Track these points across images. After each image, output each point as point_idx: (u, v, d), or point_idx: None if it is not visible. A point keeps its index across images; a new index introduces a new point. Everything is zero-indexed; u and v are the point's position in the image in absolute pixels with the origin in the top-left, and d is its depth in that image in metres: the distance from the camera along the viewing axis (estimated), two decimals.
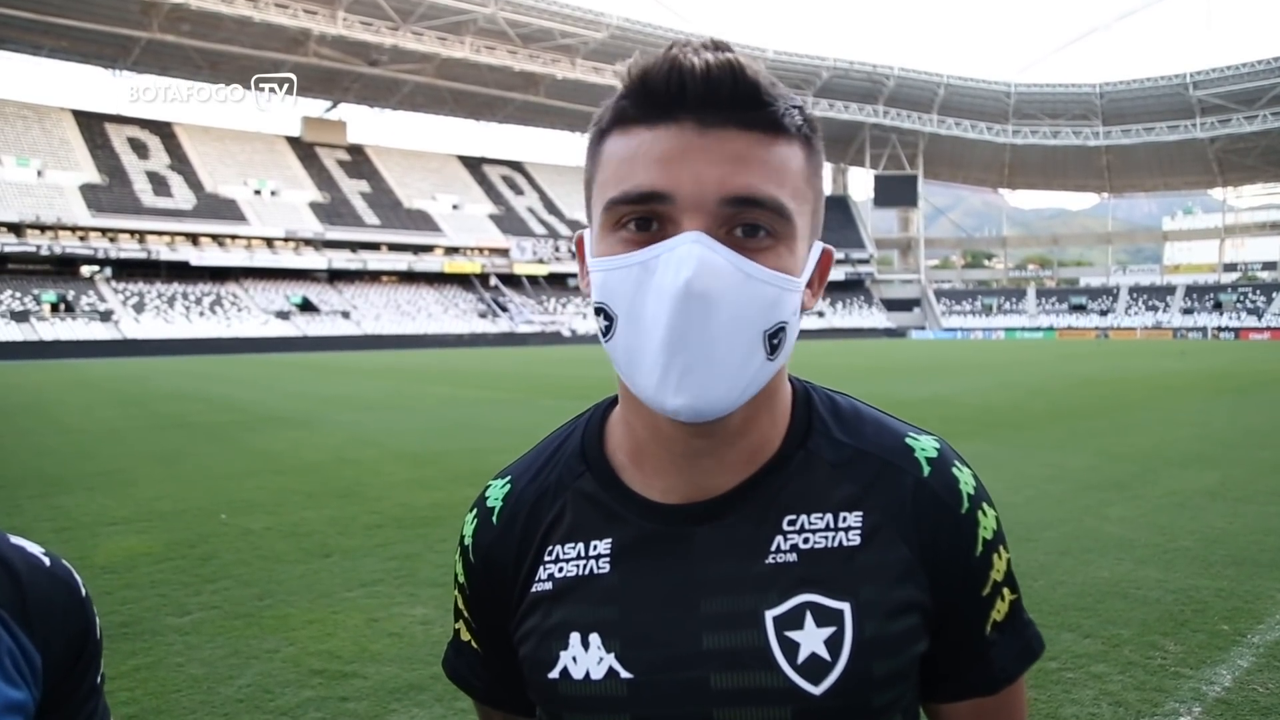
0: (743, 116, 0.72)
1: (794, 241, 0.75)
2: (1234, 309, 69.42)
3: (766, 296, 0.73)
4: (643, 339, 0.72)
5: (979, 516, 0.84)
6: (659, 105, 0.72)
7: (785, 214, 0.73)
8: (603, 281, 0.75)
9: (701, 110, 0.72)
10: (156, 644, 4.36)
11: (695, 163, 0.71)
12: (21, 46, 57.13)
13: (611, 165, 0.75)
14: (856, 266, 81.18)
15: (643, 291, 0.72)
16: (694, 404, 0.72)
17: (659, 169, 0.72)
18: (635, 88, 0.74)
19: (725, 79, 0.71)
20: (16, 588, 0.81)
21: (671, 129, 0.72)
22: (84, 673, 0.85)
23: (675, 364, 0.71)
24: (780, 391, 0.85)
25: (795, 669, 0.77)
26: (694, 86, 0.71)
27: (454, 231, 67.28)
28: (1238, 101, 68.61)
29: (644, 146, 0.73)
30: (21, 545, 0.84)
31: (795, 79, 73.46)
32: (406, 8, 56.71)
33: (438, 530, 6.62)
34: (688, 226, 0.71)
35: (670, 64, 0.72)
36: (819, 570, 0.80)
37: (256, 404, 17.75)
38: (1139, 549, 5.81)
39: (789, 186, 0.74)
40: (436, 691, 3.73)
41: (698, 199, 0.71)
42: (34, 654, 0.80)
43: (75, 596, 0.86)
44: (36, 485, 8.80)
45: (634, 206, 0.73)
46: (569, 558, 0.85)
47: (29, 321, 47.01)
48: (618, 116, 0.76)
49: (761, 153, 0.73)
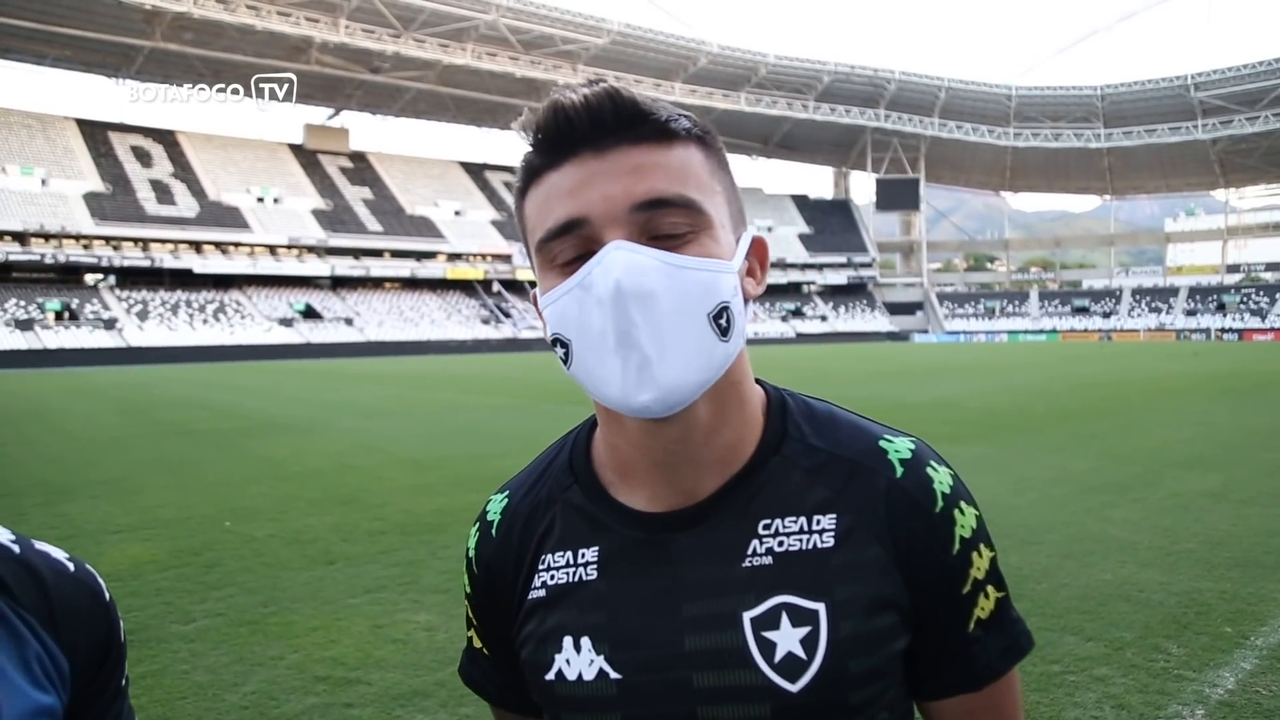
0: (631, 133, 0.77)
1: (713, 230, 0.79)
2: (1237, 310, 69.30)
3: (699, 281, 0.76)
4: (595, 351, 0.76)
5: (955, 515, 0.85)
6: (556, 147, 0.79)
7: (695, 206, 0.78)
8: (551, 314, 0.80)
9: (593, 139, 0.77)
10: (162, 651, 4.37)
11: (600, 184, 0.77)
12: (25, 56, 57.29)
13: (534, 213, 0.81)
14: (859, 270, 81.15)
15: (586, 309, 0.76)
16: (660, 394, 0.75)
17: (570, 200, 0.77)
18: (534, 139, 0.80)
19: (605, 105, 0.77)
20: (43, 593, 0.82)
21: (573, 163, 0.78)
22: (109, 676, 0.86)
23: (631, 361, 0.75)
24: (748, 390, 0.88)
25: (773, 668, 0.80)
26: (579, 120, 0.77)
27: (456, 238, 67.38)
28: (1239, 102, 68.57)
29: (554, 185, 0.79)
30: (46, 551, 0.85)
31: (797, 84, 73.64)
32: (408, 15, 56.87)
33: (441, 536, 6.63)
34: (609, 240, 0.76)
35: (554, 107, 0.78)
36: (794, 572, 0.82)
37: (260, 411, 17.78)
38: (1142, 551, 5.81)
39: (692, 182, 0.78)
40: (441, 697, 3.75)
41: (610, 214, 0.76)
42: (61, 659, 0.81)
43: (100, 601, 0.87)
44: (41, 493, 8.83)
45: (559, 240, 0.78)
46: (560, 565, 0.89)
47: (33, 330, 47.10)
48: (528, 172, 0.82)
49: (657, 159, 0.78)
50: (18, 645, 0.78)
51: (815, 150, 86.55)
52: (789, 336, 68.13)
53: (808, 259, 78.55)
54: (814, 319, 75.27)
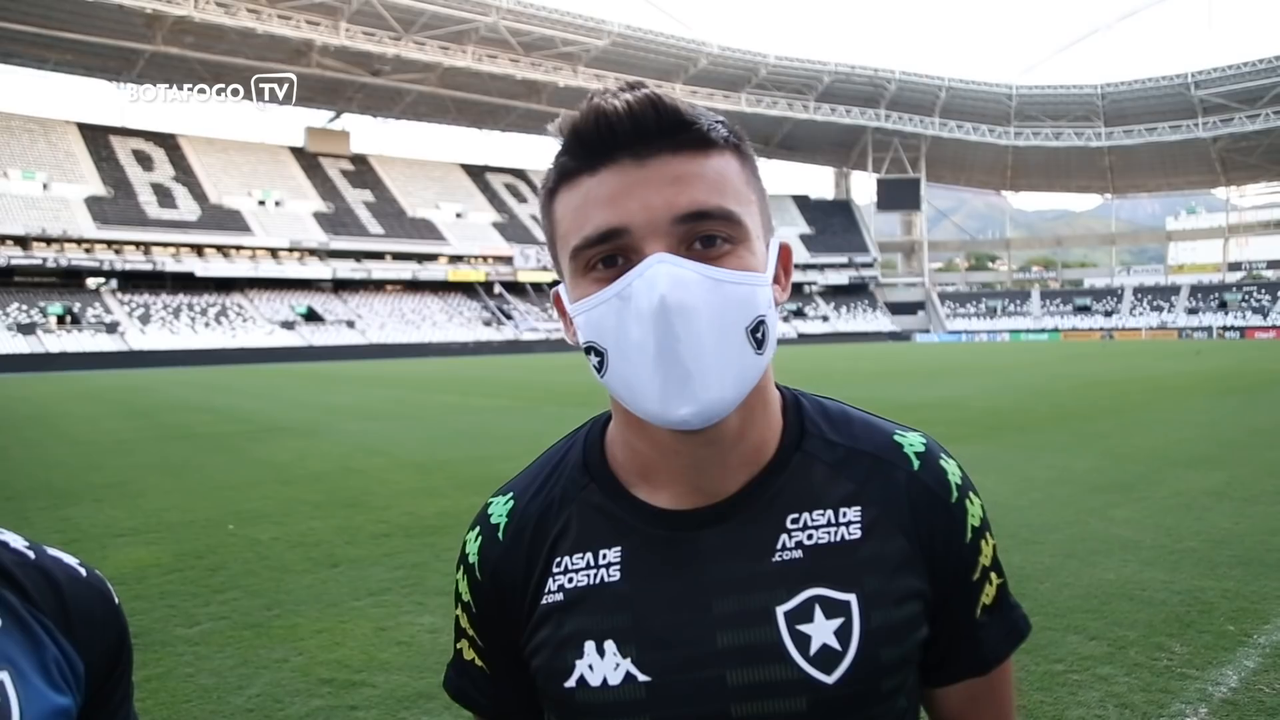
0: (672, 141, 0.77)
1: (750, 242, 0.80)
2: (1239, 308, 69.24)
3: (739, 296, 0.77)
4: (636, 364, 0.76)
5: (967, 505, 0.89)
6: (595, 151, 0.78)
7: (734, 219, 0.78)
8: (586, 322, 0.79)
9: (634, 145, 0.77)
10: (166, 654, 4.38)
11: (641, 193, 0.76)
12: (27, 60, 57.41)
13: (567, 218, 0.80)
14: (860, 270, 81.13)
15: (624, 320, 0.76)
16: (700, 409, 0.76)
17: (609, 207, 0.76)
18: (570, 141, 0.79)
19: (648, 111, 0.76)
20: (59, 598, 0.84)
21: (612, 169, 0.77)
22: (120, 678, 0.89)
23: (673, 376, 0.75)
24: (771, 394, 0.89)
25: (808, 660, 0.81)
26: (621, 125, 0.76)
27: (458, 240, 67.41)
28: (1240, 101, 68.52)
29: (591, 192, 0.78)
30: (59, 556, 0.88)
31: (797, 84, 73.63)
32: (409, 18, 56.91)
33: (444, 539, 6.64)
34: (649, 251, 0.75)
35: (595, 112, 0.77)
36: (824, 565, 0.84)
37: (262, 414, 17.80)
38: (1145, 550, 5.81)
39: (731, 193, 0.79)
40: (445, 700, 3.72)
41: (652, 225, 0.76)
42: (77, 661, 0.83)
43: (111, 605, 0.89)
44: (45, 497, 8.84)
45: (596, 248, 0.77)
46: (578, 568, 0.87)
47: (35, 334, 47.15)
48: (561, 173, 0.81)
49: (698, 169, 0.77)
50: (36, 649, 0.80)
51: (816, 150, 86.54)
52: (790, 337, 68.10)
53: (809, 259, 78.49)
54: (815, 319, 75.23)
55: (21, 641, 0.80)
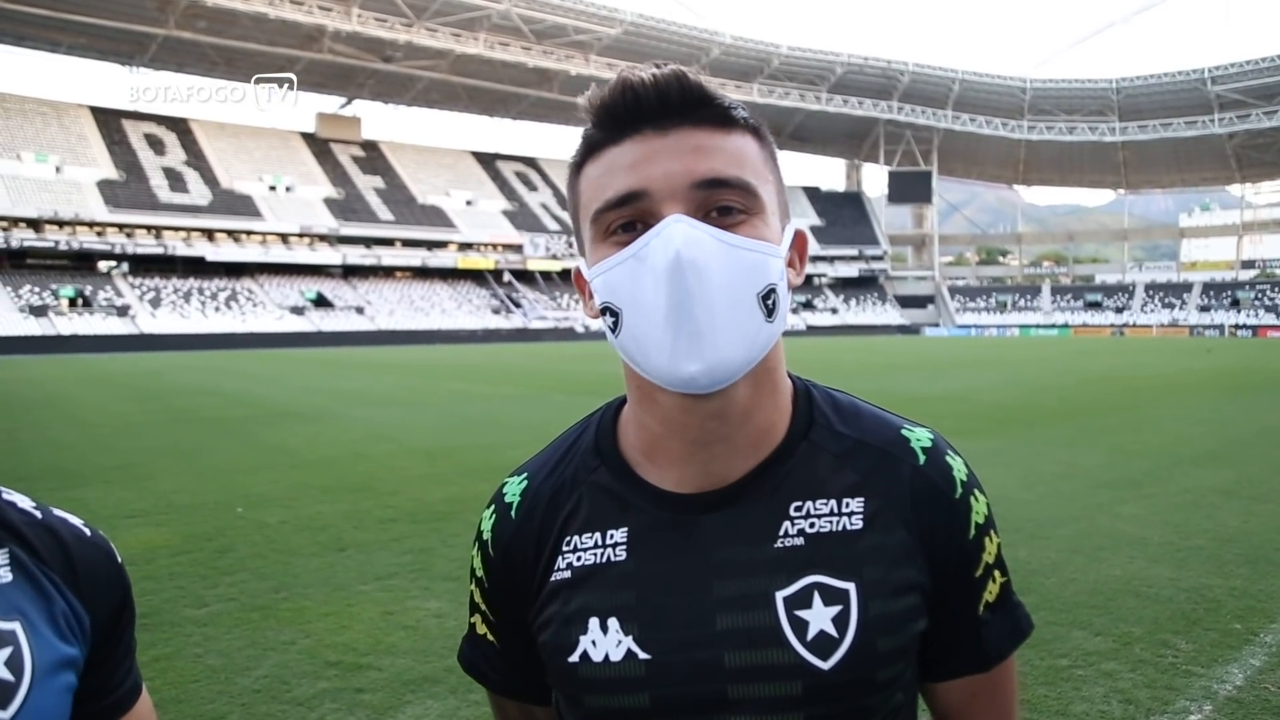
0: (695, 115, 0.80)
1: (766, 215, 0.82)
2: (1252, 306, 68.81)
3: (751, 262, 0.79)
4: (648, 320, 0.78)
5: (972, 502, 0.90)
6: (620, 123, 0.81)
7: (751, 190, 0.81)
8: (603, 284, 0.81)
9: (658, 117, 0.80)
10: (175, 635, 4.42)
11: (662, 160, 0.79)
12: (40, 43, 57.56)
13: (590, 186, 0.83)
14: (870, 263, 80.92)
15: (639, 279, 0.78)
16: (707, 367, 0.77)
17: (631, 173, 0.80)
18: (598, 115, 0.82)
19: (673, 86, 0.80)
20: (66, 555, 0.89)
21: (635, 139, 0.80)
22: (123, 632, 0.94)
23: (683, 332, 0.76)
24: (781, 378, 0.91)
25: (805, 646, 0.82)
26: (647, 98, 0.80)
27: (468, 227, 67.43)
28: (1256, 97, 67.90)
29: (614, 160, 0.81)
30: (65, 517, 0.93)
31: (809, 75, 73.30)
32: (421, 4, 56.82)
33: (451, 525, 6.67)
34: (668, 214, 0.78)
35: (623, 85, 0.80)
36: (825, 553, 0.85)
37: (271, 399, 17.88)
38: (1151, 547, 5.80)
39: (749, 168, 0.82)
40: (450, 683, 3.78)
41: (670, 189, 0.78)
42: (84, 614, 0.88)
43: (114, 563, 0.95)
44: (55, 478, 8.91)
45: (616, 211, 0.80)
46: (587, 547, 0.89)
47: (47, 316, 47.42)
48: (588, 146, 0.84)
49: (718, 142, 0.81)
50: (46, 602, 0.85)
51: (827, 142, 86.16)
52: (799, 329, 67.98)
53: (819, 251, 78.24)
54: (824, 311, 75.10)
55: (31, 595, 0.85)
